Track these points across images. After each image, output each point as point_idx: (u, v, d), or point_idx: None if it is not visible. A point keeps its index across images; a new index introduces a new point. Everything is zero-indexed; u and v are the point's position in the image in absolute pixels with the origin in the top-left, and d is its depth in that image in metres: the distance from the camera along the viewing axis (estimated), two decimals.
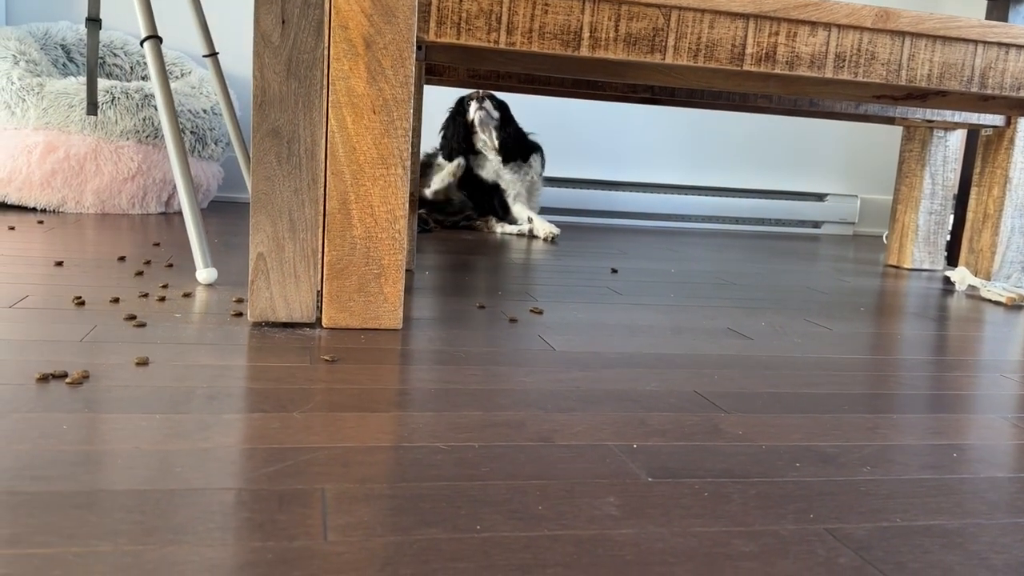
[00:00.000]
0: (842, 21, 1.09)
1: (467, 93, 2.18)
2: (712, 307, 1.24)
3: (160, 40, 1.19)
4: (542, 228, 2.08)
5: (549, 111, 2.61)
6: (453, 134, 2.16)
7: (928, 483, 0.60)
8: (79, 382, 0.68)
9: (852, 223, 2.88)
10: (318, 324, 0.94)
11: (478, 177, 2.18)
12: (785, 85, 1.34)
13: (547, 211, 2.53)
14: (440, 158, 2.22)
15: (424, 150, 2.28)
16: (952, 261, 2.06)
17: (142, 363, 0.75)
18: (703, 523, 0.51)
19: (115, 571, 0.41)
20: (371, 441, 0.60)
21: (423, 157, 2.24)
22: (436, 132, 2.26)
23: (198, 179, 2.03)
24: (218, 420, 0.62)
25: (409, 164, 0.92)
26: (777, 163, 2.84)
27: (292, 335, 0.89)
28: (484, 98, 2.10)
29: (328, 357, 0.81)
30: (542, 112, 2.60)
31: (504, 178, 2.17)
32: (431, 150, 2.28)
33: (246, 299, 1.05)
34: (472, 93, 2.13)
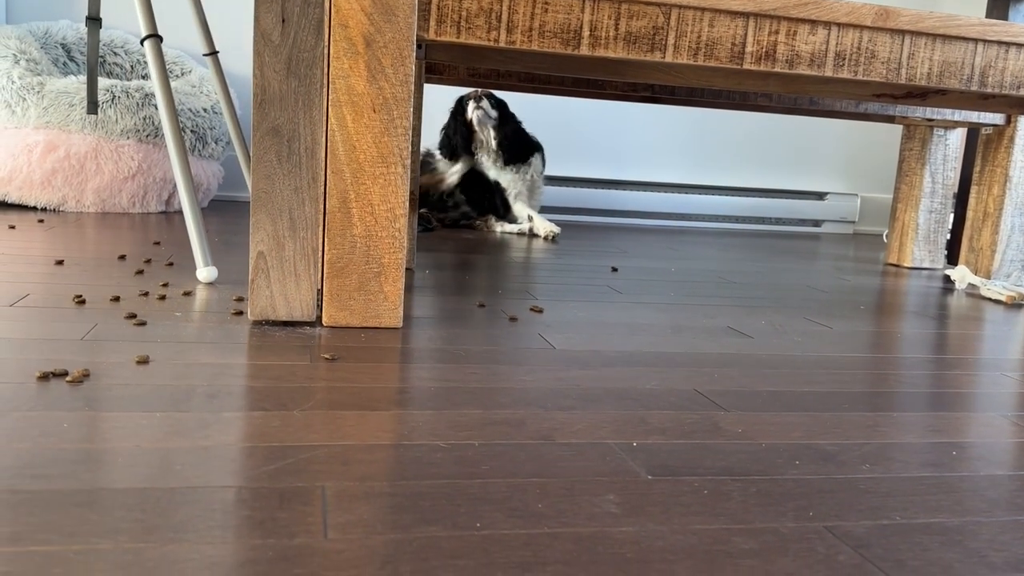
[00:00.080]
0: (842, 20, 1.09)
1: (466, 92, 2.18)
2: (712, 306, 1.24)
3: (160, 39, 1.19)
4: (542, 227, 2.08)
5: (549, 110, 2.61)
6: (453, 133, 2.16)
7: (928, 481, 0.60)
8: (79, 380, 0.68)
9: (852, 222, 2.88)
10: (318, 322, 0.94)
11: (478, 176, 2.18)
12: (785, 84, 1.34)
13: (547, 210, 2.53)
14: (438, 157, 2.22)
15: (422, 148, 2.28)
16: (952, 260, 2.06)
17: (142, 361, 0.75)
18: (703, 521, 0.51)
19: (116, 569, 0.41)
20: (371, 439, 0.60)
21: (422, 156, 2.24)
22: (436, 131, 2.26)
23: (198, 178, 2.03)
24: (218, 418, 0.62)
25: (409, 163, 0.92)
26: (777, 162, 2.84)
27: (292, 333, 0.89)
28: (482, 97, 2.10)
29: (328, 355, 0.81)
30: (542, 111, 2.60)
31: (504, 177, 2.17)
32: (429, 148, 2.28)
33: (246, 298, 1.06)
34: (471, 92, 2.13)
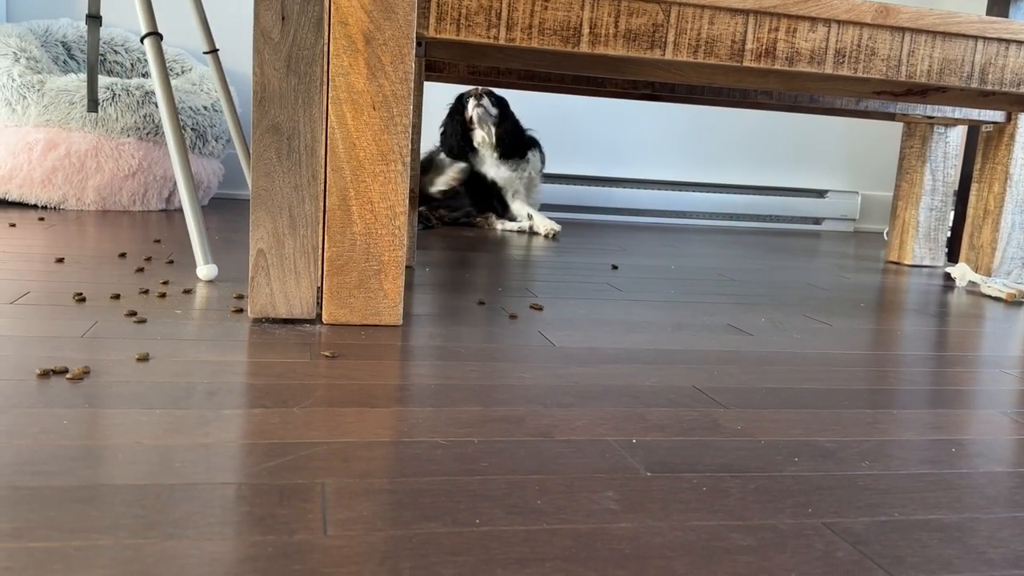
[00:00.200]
0: (842, 17, 1.09)
1: (466, 90, 2.18)
2: (711, 303, 1.24)
3: (160, 37, 1.19)
4: (542, 224, 2.08)
5: (549, 107, 2.61)
6: (452, 131, 2.16)
7: (927, 478, 0.60)
8: (80, 378, 0.68)
9: (853, 219, 2.88)
10: (318, 320, 0.94)
11: (478, 174, 2.18)
12: (785, 81, 1.34)
13: (547, 207, 2.53)
14: (443, 155, 2.22)
15: (427, 147, 2.28)
16: (953, 257, 2.06)
17: (142, 359, 0.75)
18: (701, 517, 0.51)
19: (116, 565, 0.41)
20: (371, 436, 0.60)
21: (426, 154, 2.24)
22: (436, 129, 2.26)
23: (199, 176, 2.04)
24: (218, 415, 0.62)
25: (409, 160, 0.92)
26: (777, 159, 2.84)
27: (292, 331, 0.89)
28: (482, 95, 2.10)
29: (328, 353, 0.81)
30: (542, 108, 2.60)
31: (502, 175, 2.17)
32: (433, 147, 2.28)
33: (246, 295, 1.06)
34: (470, 90, 2.13)
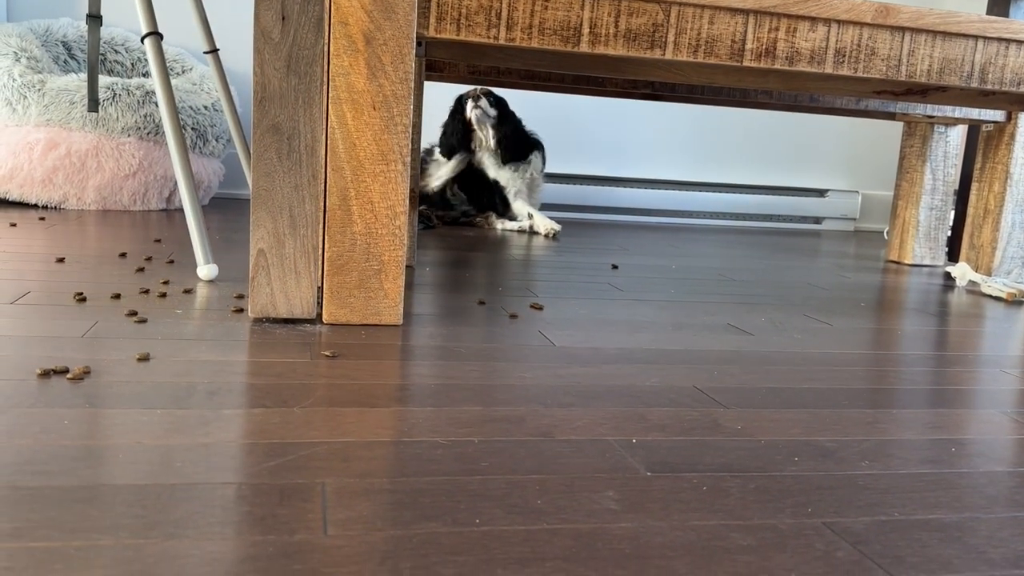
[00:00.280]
0: (842, 17, 1.09)
1: (466, 91, 2.18)
2: (712, 303, 1.24)
3: (161, 36, 1.19)
4: (543, 224, 2.08)
5: (550, 107, 2.61)
6: (453, 131, 2.16)
7: (927, 477, 0.60)
8: (80, 378, 0.69)
9: (853, 219, 2.88)
10: (318, 320, 0.94)
11: (478, 174, 2.18)
12: (785, 81, 1.34)
13: (548, 207, 2.53)
14: (437, 154, 2.22)
15: (427, 147, 2.28)
16: (953, 257, 2.06)
17: (143, 359, 0.75)
18: (701, 517, 0.51)
19: (116, 565, 0.41)
20: (371, 436, 0.60)
21: (421, 153, 2.24)
22: (437, 128, 2.26)
23: (199, 175, 2.04)
24: (219, 415, 0.62)
25: (409, 160, 0.92)
26: (778, 159, 2.84)
27: (293, 331, 0.89)
28: (480, 96, 2.09)
29: (328, 353, 0.81)
30: (543, 108, 2.60)
31: (503, 175, 2.17)
32: (427, 146, 2.28)
33: (247, 295, 1.06)
34: (470, 91, 2.13)
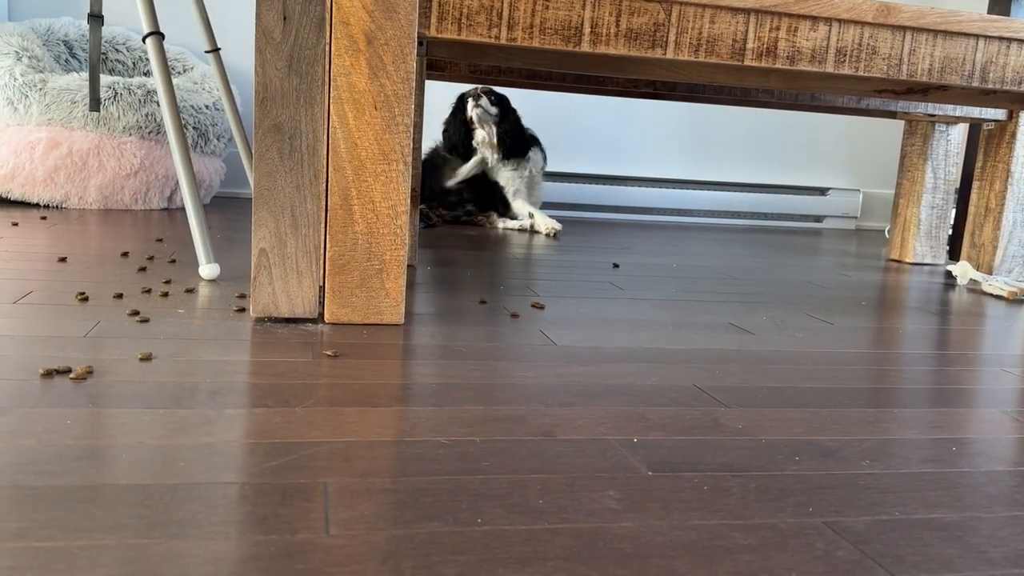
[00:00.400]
0: (843, 16, 1.09)
1: (467, 89, 2.18)
2: (713, 302, 1.24)
3: (162, 36, 1.19)
4: (543, 223, 2.08)
5: (551, 106, 2.61)
6: (455, 130, 2.16)
7: (928, 477, 0.60)
8: (83, 377, 0.69)
9: (854, 217, 2.88)
10: (320, 319, 0.94)
11: (480, 173, 2.18)
12: (786, 80, 1.34)
13: (549, 206, 2.53)
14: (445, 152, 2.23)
15: (429, 146, 2.28)
16: (954, 255, 2.06)
17: (145, 358, 0.75)
18: (702, 516, 0.51)
19: (120, 564, 0.41)
20: (373, 436, 0.60)
21: (428, 152, 2.24)
22: (439, 127, 2.26)
23: (200, 175, 2.04)
24: (221, 415, 0.62)
25: (410, 160, 0.92)
26: (779, 158, 2.84)
27: (294, 330, 0.89)
28: (481, 95, 2.10)
29: (330, 352, 0.81)
30: (544, 107, 2.60)
31: (503, 174, 2.17)
32: (435, 143, 2.28)
33: (248, 295, 1.06)
34: (471, 90, 2.13)
